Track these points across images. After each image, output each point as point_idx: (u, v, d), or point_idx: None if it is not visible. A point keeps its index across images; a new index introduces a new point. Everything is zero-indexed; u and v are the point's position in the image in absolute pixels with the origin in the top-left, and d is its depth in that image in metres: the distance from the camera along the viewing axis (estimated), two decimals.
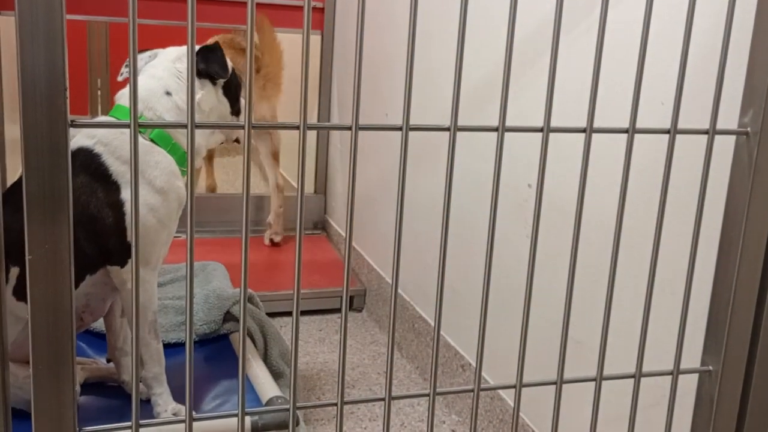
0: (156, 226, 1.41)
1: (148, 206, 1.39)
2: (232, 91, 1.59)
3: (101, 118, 1.63)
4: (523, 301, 0.83)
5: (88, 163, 1.37)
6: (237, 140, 1.65)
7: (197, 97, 1.50)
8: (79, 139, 1.40)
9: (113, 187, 1.38)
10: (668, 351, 1.10)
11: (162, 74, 1.48)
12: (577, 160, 1.36)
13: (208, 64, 1.51)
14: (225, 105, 1.57)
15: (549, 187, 1.39)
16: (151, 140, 1.44)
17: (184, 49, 1.56)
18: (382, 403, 0.80)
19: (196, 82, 1.50)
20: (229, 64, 1.55)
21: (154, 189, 1.41)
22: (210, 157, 3.38)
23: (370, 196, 2.41)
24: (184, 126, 0.66)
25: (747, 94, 0.88)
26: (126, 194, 1.38)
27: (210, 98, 1.53)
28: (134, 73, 0.65)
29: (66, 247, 0.66)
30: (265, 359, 1.81)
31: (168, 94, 1.47)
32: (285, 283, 2.34)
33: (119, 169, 1.38)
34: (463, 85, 0.75)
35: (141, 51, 1.60)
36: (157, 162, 1.42)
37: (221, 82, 1.54)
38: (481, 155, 1.70)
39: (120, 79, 1.61)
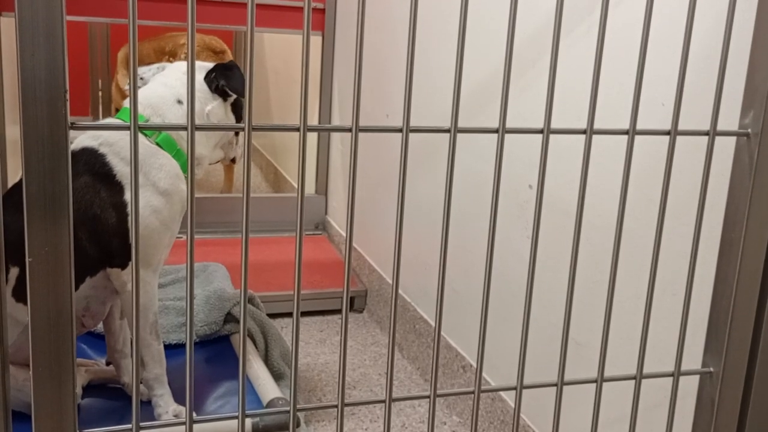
0: (159, 228, 1.41)
1: (151, 208, 1.40)
2: (239, 109, 1.60)
3: (108, 120, 1.63)
4: (523, 303, 0.83)
5: (92, 163, 1.38)
6: (233, 160, 1.67)
7: (207, 108, 1.53)
8: (83, 139, 1.41)
9: (117, 188, 1.38)
10: (669, 352, 1.10)
11: (174, 83, 1.50)
12: (577, 162, 1.36)
13: (229, 80, 1.52)
14: (232, 121, 1.59)
15: (549, 188, 1.39)
16: (157, 144, 1.45)
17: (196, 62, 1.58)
18: (383, 404, 0.79)
19: (209, 95, 1.53)
20: None
21: (158, 191, 1.41)
22: (229, 167, 3.44)
23: (370, 196, 2.41)
24: (184, 128, 0.66)
25: (747, 96, 0.88)
26: (129, 195, 1.38)
27: (219, 112, 1.55)
28: (134, 74, 0.65)
29: (66, 248, 0.66)
30: (266, 360, 1.81)
31: (179, 102, 1.49)
32: (286, 284, 2.34)
33: (123, 170, 1.38)
34: (463, 87, 0.75)
35: (149, 64, 1.62)
36: (162, 165, 1.42)
37: (231, 98, 1.56)
38: (482, 156, 1.70)
39: (126, 88, 1.63)
